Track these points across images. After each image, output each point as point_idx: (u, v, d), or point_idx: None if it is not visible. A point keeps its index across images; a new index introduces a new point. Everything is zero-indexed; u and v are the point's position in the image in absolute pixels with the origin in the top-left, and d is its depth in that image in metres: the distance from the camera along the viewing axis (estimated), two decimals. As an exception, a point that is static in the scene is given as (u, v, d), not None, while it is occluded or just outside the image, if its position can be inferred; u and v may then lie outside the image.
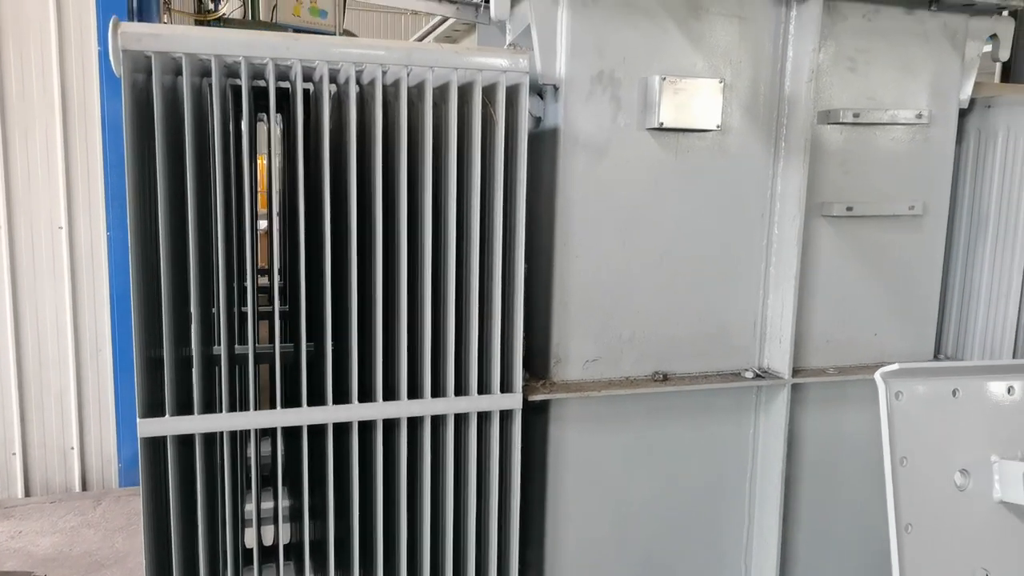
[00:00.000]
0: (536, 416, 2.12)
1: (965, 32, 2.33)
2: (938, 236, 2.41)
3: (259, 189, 4.33)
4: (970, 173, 2.47)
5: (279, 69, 1.75)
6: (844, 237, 2.30)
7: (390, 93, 1.88)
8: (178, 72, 1.70)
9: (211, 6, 5.65)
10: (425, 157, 1.82)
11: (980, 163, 2.45)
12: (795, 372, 2.25)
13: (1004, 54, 2.40)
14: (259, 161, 4.28)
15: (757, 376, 2.24)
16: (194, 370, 1.74)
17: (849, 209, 2.27)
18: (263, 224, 5.23)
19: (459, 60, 1.77)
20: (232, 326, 2.10)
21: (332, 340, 1.85)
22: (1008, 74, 7.31)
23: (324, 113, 1.78)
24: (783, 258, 2.22)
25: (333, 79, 1.86)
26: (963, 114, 2.42)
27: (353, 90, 1.77)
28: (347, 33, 8.11)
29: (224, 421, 1.75)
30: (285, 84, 1.95)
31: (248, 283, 2.45)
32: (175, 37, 1.62)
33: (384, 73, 1.81)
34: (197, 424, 1.73)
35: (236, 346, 2.28)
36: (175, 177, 1.70)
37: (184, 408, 1.75)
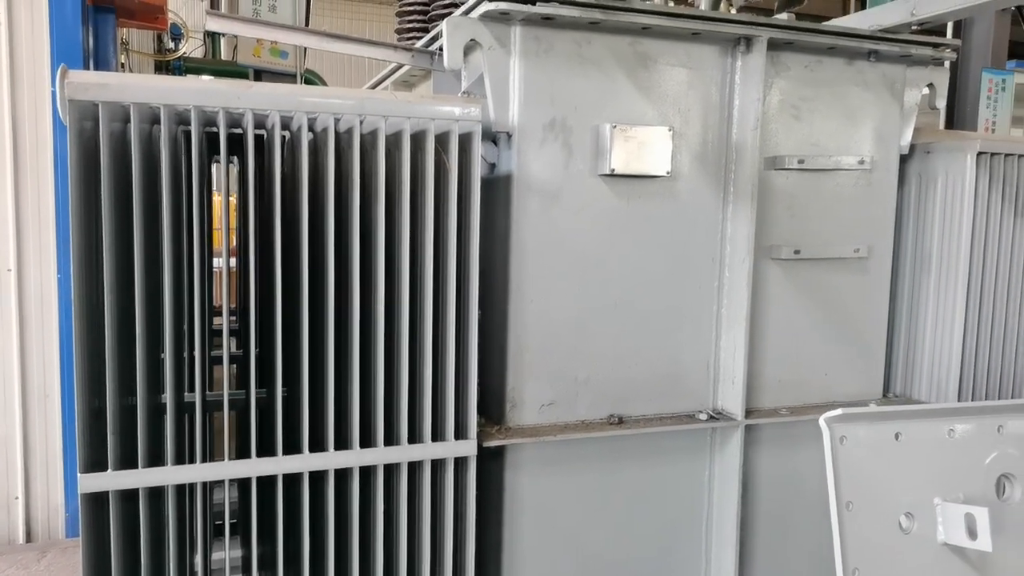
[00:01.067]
0: (492, 461, 2.11)
1: (903, 81, 2.43)
2: (883, 278, 2.47)
3: (215, 226, 4.27)
4: (913, 216, 2.56)
5: (231, 117, 1.75)
6: (793, 279, 2.35)
7: (344, 140, 1.89)
8: (127, 120, 1.69)
9: (171, 46, 5.64)
10: (378, 204, 1.83)
11: (922, 206, 2.54)
12: (748, 413, 2.28)
13: (940, 103, 2.50)
14: (215, 199, 4.25)
15: (711, 418, 2.26)
16: (138, 420, 1.70)
17: (797, 252, 2.32)
18: (219, 262, 5.16)
19: (412, 110, 1.79)
20: (180, 373, 2.07)
21: (283, 387, 1.82)
22: (952, 119, 7.60)
23: (276, 161, 1.78)
24: (734, 300, 2.26)
25: (286, 126, 1.86)
26: (905, 159, 2.51)
27: (306, 138, 1.78)
28: (309, 73, 8.15)
29: (170, 475, 1.71)
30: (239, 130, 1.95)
31: (196, 328, 2.40)
32: (124, 87, 1.61)
33: (337, 121, 1.81)
34: (141, 478, 1.68)
35: (186, 393, 2.24)
36: (123, 223, 1.68)
37: (129, 461, 1.70)
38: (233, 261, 3.61)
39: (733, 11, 2.42)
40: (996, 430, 1.58)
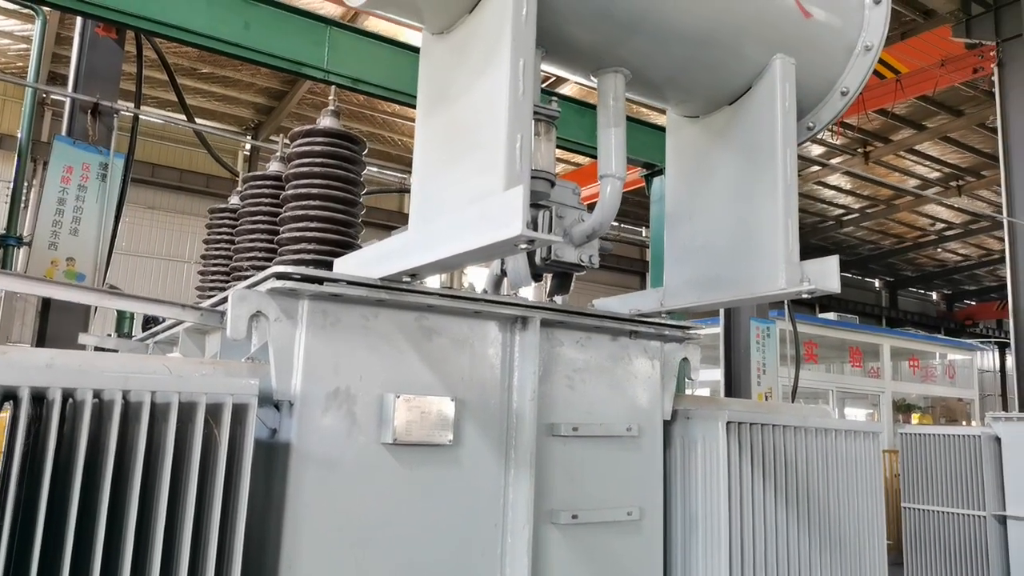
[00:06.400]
0: None
1: (662, 355, 2.74)
2: (656, 539, 2.60)
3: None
4: (679, 477, 2.77)
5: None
6: (572, 544, 2.41)
7: (107, 411, 1.79)
8: None
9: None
10: (133, 479, 1.71)
11: (686, 468, 2.76)
12: None
13: (695, 375, 2.83)
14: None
15: None
16: None
17: (575, 517, 2.41)
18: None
19: (181, 385, 1.76)
20: None
21: None
22: (729, 361, 8.48)
23: (18, 437, 1.64)
24: (516, 568, 2.26)
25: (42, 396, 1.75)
26: (669, 424, 2.76)
27: (57, 410, 1.67)
28: (112, 287, 7.81)
29: None
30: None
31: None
32: None
33: (101, 393, 1.73)
34: None
35: None
36: None
37: None
38: None
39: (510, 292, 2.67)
40: None
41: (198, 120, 8.75)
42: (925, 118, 15.04)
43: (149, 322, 4.54)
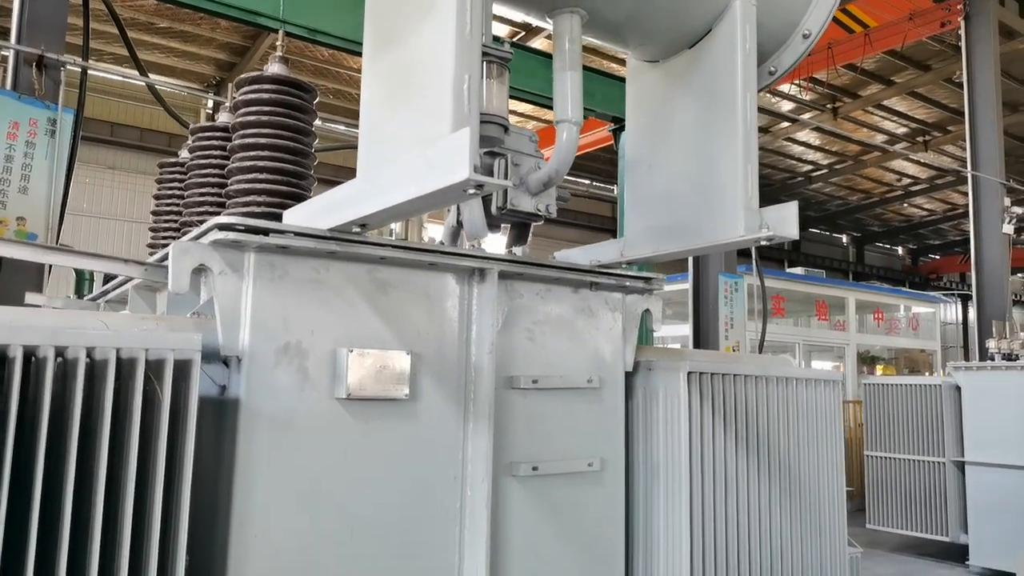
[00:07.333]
0: None
1: (623, 306, 2.71)
2: (617, 489, 2.61)
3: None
4: (641, 428, 2.76)
5: None
6: (533, 496, 2.40)
7: (40, 369, 1.72)
8: None
9: None
10: (70, 438, 1.65)
11: (648, 419, 2.76)
12: (492, 642, 2.21)
13: (657, 326, 2.82)
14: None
15: (453, 651, 2.15)
16: None
17: (535, 469, 2.40)
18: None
19: (119, 340, 1.69)
20: None
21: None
22: (698, 316, 8.54)
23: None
24: (475, 522, 2.25)
25: None
26: (631, 375, 2.75)
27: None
28: (63, 246, 7.60)
29: None
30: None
31: None
32: None
33: (35, 351, 1.66)
34: None
35: None
36: None
37: None
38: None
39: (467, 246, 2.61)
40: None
41: (158, 77, 8.46)
42: (893, 73, 15.07)
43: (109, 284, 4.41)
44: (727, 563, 2.72)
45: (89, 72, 6.14)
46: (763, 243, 2.21)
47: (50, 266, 5.48)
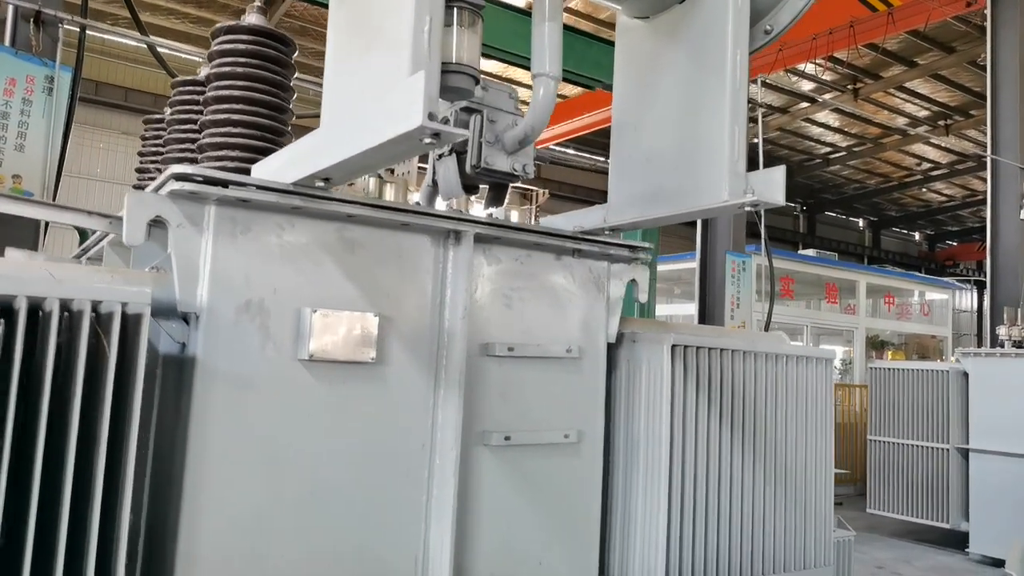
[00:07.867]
0: None
1: (607, 275, 2.62)
2: (595, 462, 2.54)
3: None
4: (623, 401, 2.69)
5: None
6: (504, 466, 2.34)
7: None
8: None
9: None
10: (11, 388, 1.59)
11: (631, 392, 2.68)
12: (456, 612, 2.16)
13: (643, 296, 2.73)
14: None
15: (415, 620, 2.10)
16: None
17: (507, 438, 2.33)
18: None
19: (61, 290, 1.62)
20: None
21: None
22: (704, 295, 8.42)
23: None
24: (443, 489, 2.19)
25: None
26: (614, 346, 2.66)
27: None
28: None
29: None
30: None
31: None
32: None
33: (-26, 297, 1.60)
34: None
35: None
36: None
37: None
38: None
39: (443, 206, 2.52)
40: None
41: (170, 42, 8.33)
42: (916, 54, 14.69)
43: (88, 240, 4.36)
44: (705, 541, 2.65)
45: (105, 38, 6.06)
46: (748, 208, 2.10)
47: (46, 224, 5.45)
